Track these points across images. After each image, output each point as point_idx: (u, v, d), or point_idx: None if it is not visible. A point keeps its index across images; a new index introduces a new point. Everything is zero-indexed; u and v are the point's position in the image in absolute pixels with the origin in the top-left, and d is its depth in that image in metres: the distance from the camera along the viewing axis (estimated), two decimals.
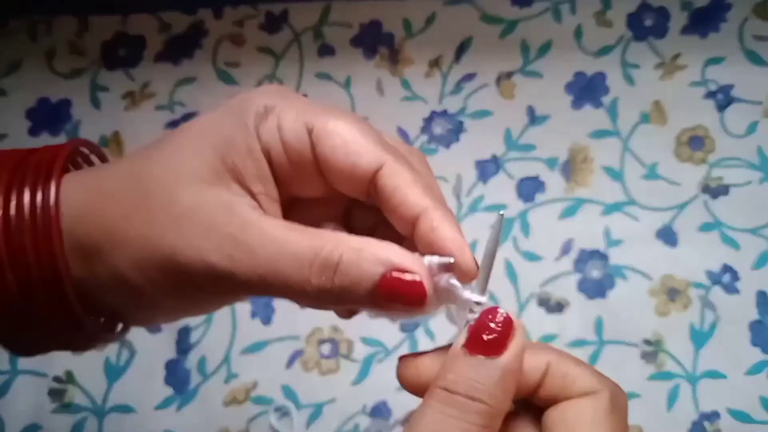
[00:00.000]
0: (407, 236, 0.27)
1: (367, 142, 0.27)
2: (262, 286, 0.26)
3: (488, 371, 0.25)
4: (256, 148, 0.27)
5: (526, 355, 0.26)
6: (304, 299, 0.26)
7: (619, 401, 0.26)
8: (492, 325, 0.25)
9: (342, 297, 0.25)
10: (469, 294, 0.26)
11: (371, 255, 0.25)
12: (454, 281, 0.26)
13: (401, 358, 0.28)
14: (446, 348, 0.27)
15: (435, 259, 0.26)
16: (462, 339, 0.25)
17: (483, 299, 0.26)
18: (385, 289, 0.25)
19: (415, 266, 0.25)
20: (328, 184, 0.28)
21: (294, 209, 0.30)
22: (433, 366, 0.26)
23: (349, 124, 0.27)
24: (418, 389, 0.27)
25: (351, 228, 0.31)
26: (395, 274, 0.25)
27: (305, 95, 0.30)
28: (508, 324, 0.25)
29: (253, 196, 0.27)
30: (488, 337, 0.25)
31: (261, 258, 0.25)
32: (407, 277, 0.25)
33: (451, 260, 0.26)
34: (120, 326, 0.31)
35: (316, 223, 0.29)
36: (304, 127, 0.27)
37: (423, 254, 0.26)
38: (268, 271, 0.25)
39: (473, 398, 0.24)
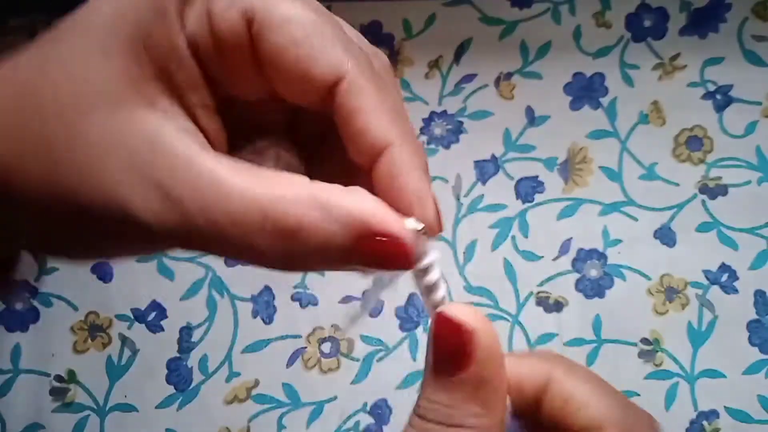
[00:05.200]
0: (363, 167, 0.22)
1: (325, 43, 0.21)
2: (201, 246, 0.20)
3: (459, 391, 0.21)
4: (181, 44, 0.20)
5: (523, 365, 0.22)
6: (256, 264, 0.21)
7: None
8: (447, 337, 0.21)
9: (308, 263, 0.20)
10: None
11: (341, 214, 0.19)
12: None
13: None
14: None
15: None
16: (430, 356, 0.21)
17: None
18: (361, 255, 0.20)
19: (396, 226, 0.20)
20: (269, 86, 0.22)
21: (226, 112, 0.23)
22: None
23: (301, 12, 0.21)
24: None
25: (297, 135, 0.25)
26: (373, 237, 0.20)
27: None
28: (461, 332, 0.21)
29: (186, 109, 0.21)
30: (447, 352, 0.21)
31: (196, 215, 0.19)
32: (387, 240, 0.20)
33: (421, 227, 0.21)
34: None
35: (252, 130, 0.23)
36: (242, 16, 0.20)
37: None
38: (205, 232, 0.20)
39: (451, 425, 0.21)
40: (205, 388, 0.62)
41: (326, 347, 0.63)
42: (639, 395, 0.60)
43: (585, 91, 0.66)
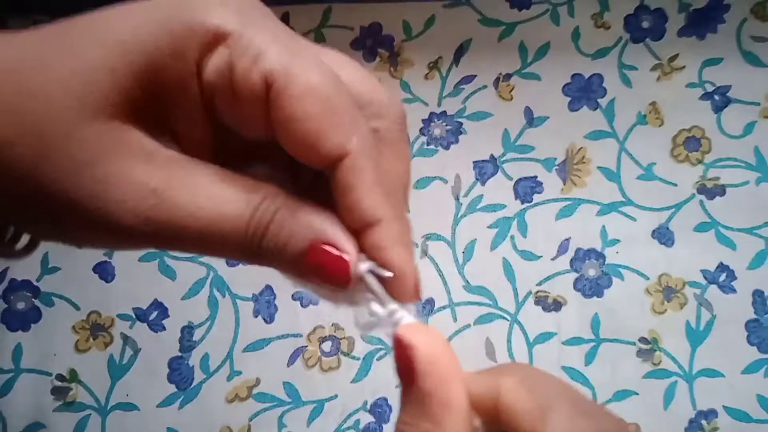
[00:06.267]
0: (355, 231, 0.23)
1: (336, 121, 0.22)
2: (176, 244, 0.22)
3: (411, 407, 0.21)
4: (191, 84, 0.22)
5: (475, 381, 0.22)
6: (221, 256, 0.23)
7: None
8: (398, 356, 0.22)
9: (265, 257, 0.22)
10: (380, 306, 0.23)
11: (306, 220, 0.22)
12: (374, 282, 0.23)
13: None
14: None
15: (373, 266, 0.23)
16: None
17: (391, 310, 0.23)
18: (310, 259, 0.22)
19: (347, 246, 0.22)
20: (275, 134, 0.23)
21: (229, 140, 0.24)
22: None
23: (317, 85, 0.22)
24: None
25: (295, 166, 0.25)
26: (324, 246, 0.22)
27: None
28: (403, 346, 0.21)
29: (172, 135, 0.23)
30: (400, 371, 0.22)
31: (183, 217, 0.21)
32: (335, 252, 0.22)
33: (389, 274, 0.23)
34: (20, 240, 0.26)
35: (250, 156, 0.25)
36: (263, 79, 0.21)
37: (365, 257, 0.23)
38: (187, 231, 0.21)
39: None
40: (206, 387, 0.62)
41: (327, 346, 0.63)
42: (637, 394, 0.60)
43: (583, 91, 0.66)
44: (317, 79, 0.22)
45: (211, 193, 0.22)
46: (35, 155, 0.21)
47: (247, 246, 0.22)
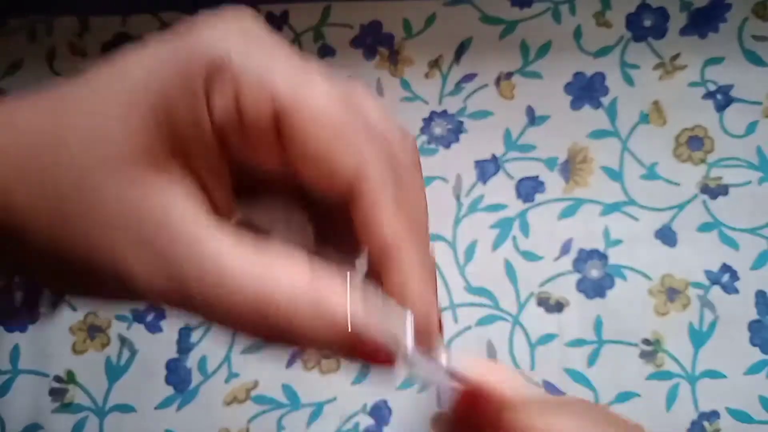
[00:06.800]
0: (374, 263, 0.23)
1: (350, 143, 0.21)
2: (191, 314, 0.22)
3: None
4: (206, 125, 0.21)
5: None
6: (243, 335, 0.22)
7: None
8: (475, 411, 0.21)
9: (290, 346, 0.22)
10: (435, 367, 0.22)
11: (329, 317, 0.20)
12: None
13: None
14: None
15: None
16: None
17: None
18: (344, 352, 0.21)
19: (379, 336, 0.21)
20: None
21: (244, 172, 0.24)
22: None
23: (329, 109, 0.21)
24: None
25: (311, 203, 0.25)
26: (357, 341, 0.21)
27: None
28: (493, 404, 0.21)
29: (194, 177, 0.21)
30: (474, 425, 0.21)
31: (194, 292, 0.20)
32: (370, 345, 0.21)
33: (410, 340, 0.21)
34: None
35: (265, 186, 0.24)
36: (270, 104, 0.20)
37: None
38: (198, 308, 0.21)
39: None
40: (204, 389, 0.62)
41: None
42: (640, 396, 0.60)
43: (585, 90, 0.66)
44: (328, 102, 0.21)
45: (221, 281, 0.20)
46: (56, 223, 0.20)
47: (267, 334, 0.21)
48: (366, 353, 0.21)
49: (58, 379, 0.63)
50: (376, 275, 0.22)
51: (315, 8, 0.68)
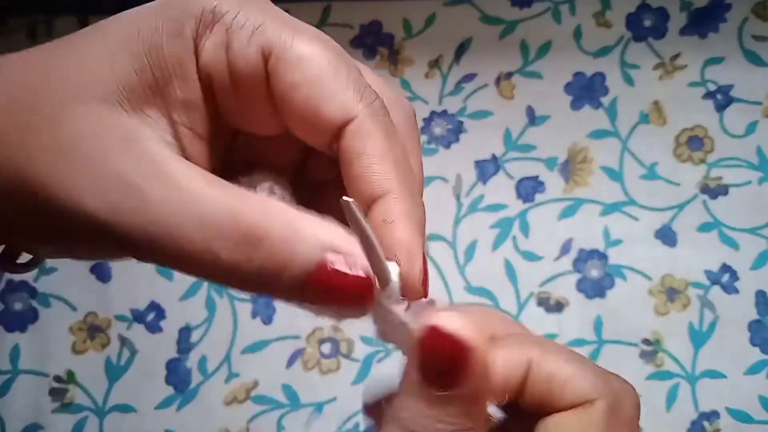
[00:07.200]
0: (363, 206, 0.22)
1: (338, 83, 0.21)
2: (154, 251, 0.20)
3: (451, 406, 0.19)
4: (189, 65, 0.21)
5: (499, 358, 0.21)
6: (209, 275, 0.20)
7: (621, 409, 0.21)
8: (441, 350, 0.19)
9: (261, 282, 0.20)
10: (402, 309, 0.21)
11: (310, 235, 0.19)
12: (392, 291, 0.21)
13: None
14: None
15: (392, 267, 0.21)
16: (410, 356, 0.20)
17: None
18: (319, 281, 0.19)
19: (362, 260, 0.20)
20: (282, 123, 0.22)
21: (234, 148, 0.23)
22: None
23: (318, 51, 0.21)
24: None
25: (305, 178, 0.25)
26: (336, 265, 0.19)
27: None
28: (458, 345, 0.19)
29: (171, 126, 0.21)
30: (439, 365, 0.19)
31: (157, 213, 0.19)
32: (349, 271, 0.19)
33: (395, 279, 0.20)
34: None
35: (253, 164, 0.23)
36: (260, 51, 0.20)
37: None
38: (162, 232, 0.19)
39: None
40: (204, 389, 0.62)
41: (326, 348, 0.62)
42: (640, 396, 0.60)
43: (585, 90, 0.66)
44: (316, 44, 0.21)
45: (191, 198, 0.19)
46: (19, 140, 0.20)
47: (226, 264, 0.19)
48: (343, 283, 0.19)
49: (58, 379, 0.62)
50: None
51: (315, 8, 0.68)
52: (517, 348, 0.21)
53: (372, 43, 0.67)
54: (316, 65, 0.21)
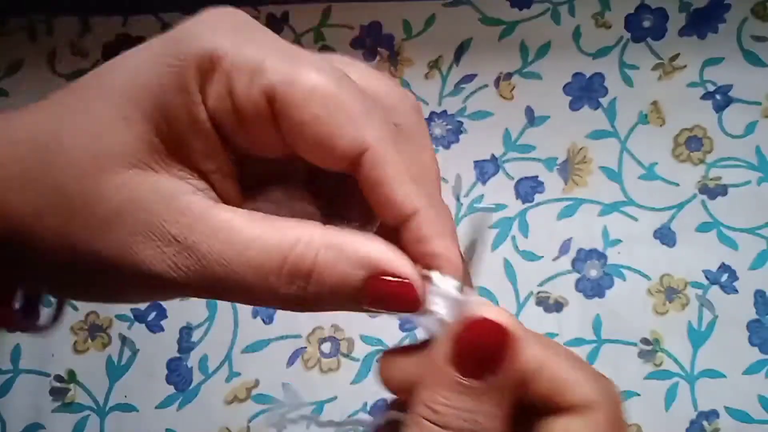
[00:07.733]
0: (393, 227, 0.23)
1: (347, 117, 0.21)
2: (214, 295, 0.22)
3: (485, 396, 0.20)
4: (202, 118, 0.21)
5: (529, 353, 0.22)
6: (269, 306, 0.22)
7: (619, 414, 0.22)
8: (482, 339, 0.20)
9: (319, 303, 0.21)
10: (454, 292, 0.22)
11: (353, 254, 0.21)
12: (441, 283, 0.22)
13: (383, 355, 0.24)
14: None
15: (437, 278, 0.22)
16: (443, 348, 0.21)
17: (466, 298, 0.22)
18: (370, 294, 0.21)
19: (405, 268, 0.21)
20: (292, 150, 0.22)
21: (246, 165, 0.24)
22: (418, 369, 0.22)
23: (322, 84, 0.21)
24: (403, 393, 0.23)
25: (314, 184, 0.25)
26: (382, 277, 0.21)
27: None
28: (502, 334, 0.20)
29: (202, 176, 0.22)
30: (480, 354, 0.20)
31: (214, 265, 0.21)
32: (395, 280, 0.21)
33: (453, 283, 0.22)
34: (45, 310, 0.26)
35: (268, 179, 0.24)
36: (263, 94, 0.21)
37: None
38: (223, 280, 0.21)
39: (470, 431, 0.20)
40: (205, 388, 0.62)
41: (326, 347, 0.63)
42: (639, 395, 0.60)
43: (584, 91, 0.66)
44: (318, 79, 0.21)
45: (242, 246, 0.21)
46: (62, 222, 0.21)
47: (284, 296, 0.21)
48: (391, 291, 0.21)
49: (58, 378, 0.63)
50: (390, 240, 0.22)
51: (315, 9, 0.68)
52: (531, 346, 0.22)
53: (372, 43, 0.68)
54: (322, 103, 0.21)
